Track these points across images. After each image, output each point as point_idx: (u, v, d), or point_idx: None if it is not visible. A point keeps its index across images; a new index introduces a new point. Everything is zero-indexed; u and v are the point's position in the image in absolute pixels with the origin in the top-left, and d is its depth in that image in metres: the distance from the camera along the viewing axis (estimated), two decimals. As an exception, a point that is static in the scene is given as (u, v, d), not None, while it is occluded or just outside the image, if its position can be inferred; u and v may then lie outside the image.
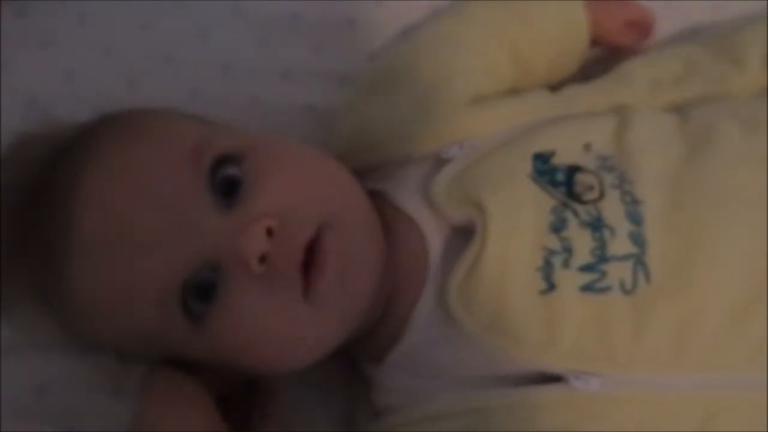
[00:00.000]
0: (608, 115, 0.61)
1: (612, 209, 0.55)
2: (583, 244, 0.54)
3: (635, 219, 0.54)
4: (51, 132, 0.61)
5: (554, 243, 0.54)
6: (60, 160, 0.57)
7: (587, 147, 0.58)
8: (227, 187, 0.54)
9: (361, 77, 0.69)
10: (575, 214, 0.55)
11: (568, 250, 0.54)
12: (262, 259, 0.51)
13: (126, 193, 0.53)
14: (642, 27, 0.72)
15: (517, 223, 0.55)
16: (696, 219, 0.55)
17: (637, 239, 0.54)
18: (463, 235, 0.57)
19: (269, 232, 0.52)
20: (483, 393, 0.55)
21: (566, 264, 0.54)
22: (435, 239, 0.58)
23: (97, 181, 0.54)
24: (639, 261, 0.54)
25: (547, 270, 0.54)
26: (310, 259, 0.53)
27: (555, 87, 0.65)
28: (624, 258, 0.54)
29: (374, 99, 0.65)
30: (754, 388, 0.54)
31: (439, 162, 0.60)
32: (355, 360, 0.63)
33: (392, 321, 0.59)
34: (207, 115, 0.62)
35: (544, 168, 0.57)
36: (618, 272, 0.53)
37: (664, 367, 0.53)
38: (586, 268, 0.54)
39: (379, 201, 0.60)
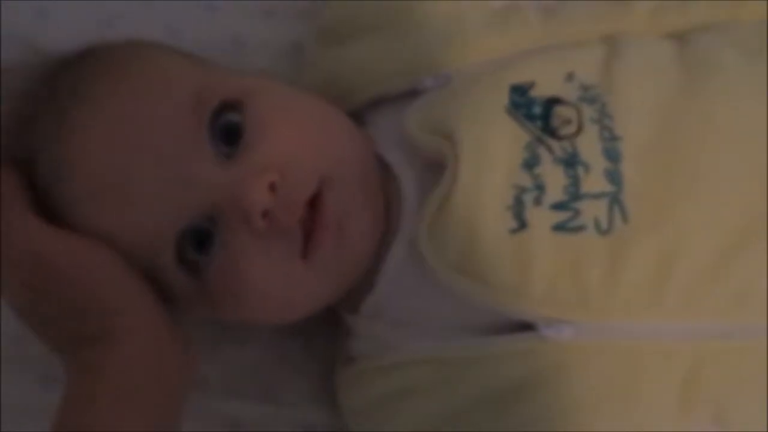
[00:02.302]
0: (598, 43, 0.57)
1: (588, 145, 0.52)
2: (555, 181, 0.51)
3: (612, 156, 0.51)
4: (36, 64, 0.59)
5: (526, 180, 0.51)
6: (51, 96, 0.54)
7: (570, 76, 0.54)
8: (228, 134, 0.52)
9: (325, 20, 0.66)
10: (549, 150, 0.52)
11: (540, 188, 0.51)
12: (264, 214, 0.50)
13: (123, 140, 0.51)
14: None
15: (489, 158, 0.52)
16: (683, 154, 0.51)
17: (614, 177, 0.51)
18: (438, 174, 0.54)
19: (272, 187, 0.50)
20: (451, 343, 0.54)
21: (538, 201, 0.51)
22: (410, 184, 0.56)
23: (96, 129, 0.52)
24: (615, 199, 0.50)
25: (518, 208, 0.51)
26: (311, 215, 0.52)
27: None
28: (599, 196, 0.51)
29: (343, 42, 0.63)
30: (741, 337, 0.51)
31: (415, 96, 0.58)
32: (336, 309, 0.61)
33: (367, 270, 0.57)
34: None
35: (520, 101, 0.53)
36: (592, 211, 0.50)
37: (641, 313, 0.51)
38: (559, 206, 0.51)
39: None
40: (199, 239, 0.52)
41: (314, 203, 0.52)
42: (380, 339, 0.57)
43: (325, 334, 0.65)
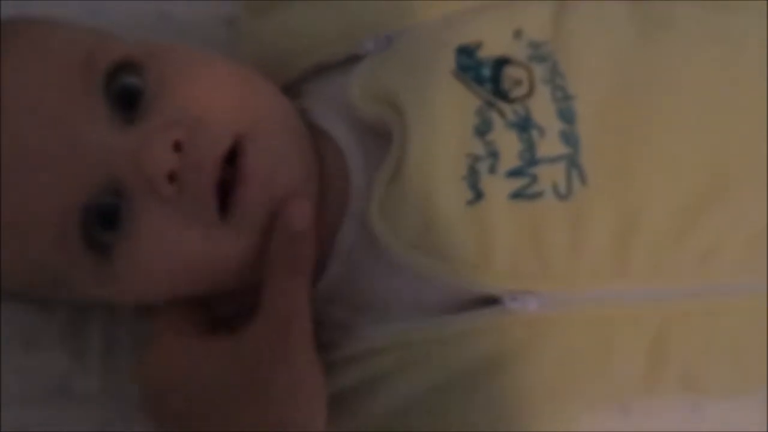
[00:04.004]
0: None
1: (541, 106, 0.49)
2: (509, 146, 0.48)
3: (567, 116, 0.49)
4: None
5: (479, 148, 0.49)
6: None
7: (518, 33, 0.52)
8: (127, 98, 0.48)
9: None
10: (501, 114, 0.49)
11: (494, 155, 0.48)
12: (171, 178, 0.46)
13: (10, 109, 0.48)
14: None
15: (439, 126, 0.49)
16: (639, 109, 0.49)
17: (570, 138, 0.49)
18: (385, 147, 0.51)
19: (177, 147, 0.46)
20: (413, 325, 0.51)
21: (493, 170, 0.48)
22: (357, 159, 0.53)
23: None
24: (572, 162, 0.48)
25: (472, 178, 0.48)
26: (229, 176, 0.48)
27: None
28: (555, 159, 0.48)
29: (273, 10, 0.59)
30: (707, 298, 0.50)
31: (357, 61, 0.54)
32: None
33: (318, 249, 0.53)
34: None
35: (468, 63, 0.51)
36: (550, 175, 0.48)
37: (607, 279, 0.49)
38: (515, 173, 0.48)
39: None
40: (106, 217, 0.48)
41: (233, 162, 0.48)
42: (341, 325, 0.54)
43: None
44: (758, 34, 0.52)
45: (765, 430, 0.58)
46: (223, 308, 0.55)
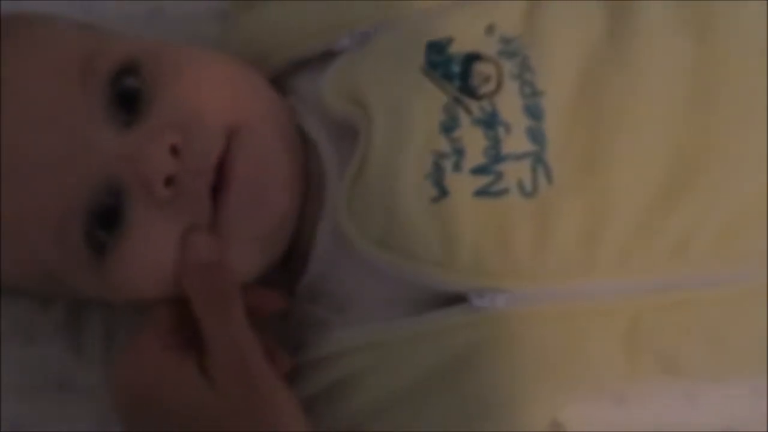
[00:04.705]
0: None
1: (508, 103, 0.49)
2: (474, 143, 0.48)
3: (534, 113, 0.49)
4: None
5: (444, 145, 0.49)
6: None
7: (490, 28, 0.51)
8: (126, 100, 0.49)
9: None
10: (468, 111, 0.49)
11: (459, 152, 0.48)
12: (168, 181, 0.47)
13: (9, 110, 0.49)
14: None
15: (404, 124, 0.49)
16: (605, 105, 0.49)
17: (536, 135, 0.48)
18: (355, 144, 0.51)
19: (174, 151, 0.47)
20: (384, 326, 0.51)
21: (457, 167, 0.48)
22: (331, 153, 0.53)
23: None
24: (538, 159, 0.48)
25: (437, 175, 0.48)
26: (219, 177, 0.49)
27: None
28: (521, 157, 0.48)
29: (256, 5, 0.59)
30: (678, 290, 0.49)
31: (333, 57, 0.54)
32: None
33: (299, 249, 0.54)
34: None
35: (438, 59, 0.50)
36: (515, 173, 0.48)
37: (574, 276, 0.48)
38: (479, 170, 0.48)
39: None
40: (104, 217, 0.49)
41: (222, 161, 0.49)
42: (318, 324, 0.54)
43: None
44: (728, 24, 0.51)
45: (765, 422, 0.57)
46: None
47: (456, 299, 0.50)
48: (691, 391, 0.54)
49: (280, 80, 0.58)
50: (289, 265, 0.55)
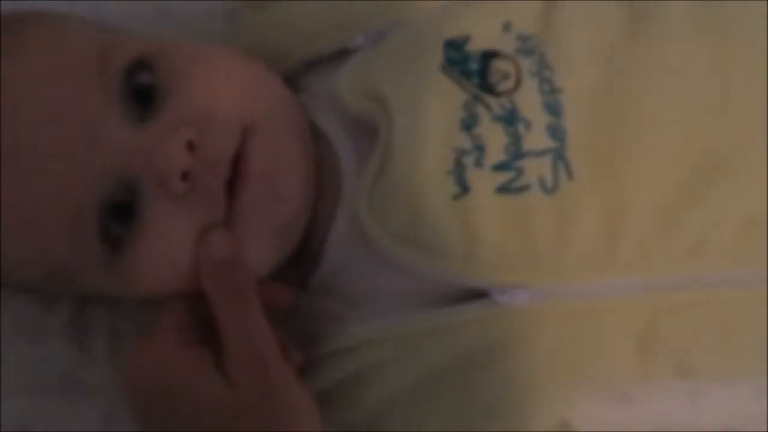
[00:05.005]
0: None
1: (528, 100, 0.50)
2: (495, 140, 0.49)
3: (554, 110, 0.49)
4: None
5: (465, 142, 0.49)
6: None
7: (507, 26, 0.52)
8: (141, 96, 0.50)
9: None
10: (488, 108, 0.50)
11: (480, 149, 0.49)
12: (184, 176, 0.48)
13: (22, 106, 0.49)
14: None
15: (424, 121, 0.50)
16: (626, 103, 0.50)
17: (556, 132, 0.49)
18: (374, 141, 0.52)
19: (190, 146, 0.48)
20: (403, 318, 0.52)
21: (479, 163, 0.49)
22: (348, 150, 0.54)
23: None
24: (559, 156, 0.48)
25: (459, 172, 0.49)
26: (234, 172, 0.49)
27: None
28: (542, 153, 0.49)
29: (273, 4, 0.60)
30: (696, 289, 0.50)
31: (348, 56, 0.55)
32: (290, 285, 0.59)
33: (312, 244, 0.55)
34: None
35: (456, 57, 0.51)
36: (536, 169, 0.48)
37: (594, 272, 0.49)
38: (501, 167, 0.49)
39: None
40: (119, 212, 0.49)
41: (238, 156, 0.49)
42: (334, 317, 0.55)
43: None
44: (748, 24, 0.52)
45: (765, 422, 0.58)
46: None
47: (476, 295, 0.50)
48: (694, 392, 0.56)
49: (292, 79, 0.58)
50: (301, 259, 0.56)
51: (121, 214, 0.49)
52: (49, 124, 0.49)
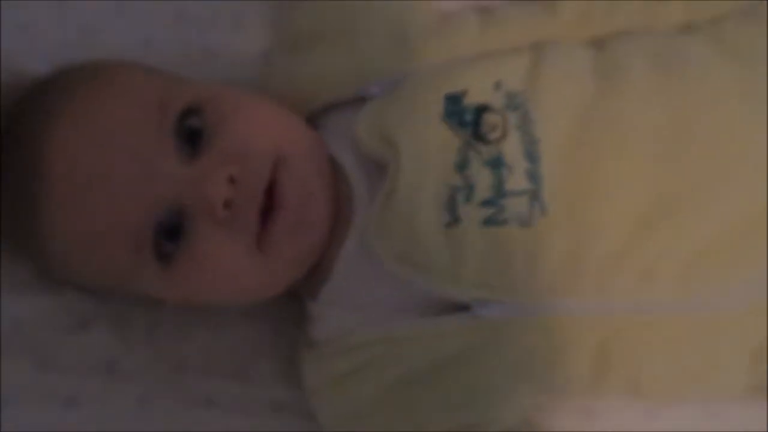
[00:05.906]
0: (527, 51, 0.63)
1: (512, 148, 0.58)
2: (483, 180, 0.57)
3: (532, 157, 0.57)
4: (13, 84, 0.65)
5: (458, 180, 0.58)
6: (29, 111, 0.61)
7: (498, 85, 0.60)
8: (190, 136, 0.58)
9: (281, 31, 0.72)
10: (478, 153, 0.58)
11: (470, 187, 0.57)
12: (227, 204, 0.56)
13: (96, 143, 0.58)
14: None
15: (426, 161, 0.58)
16: (593, 153, 0.57)
17: (534, 176, 0.57)
18: (383, 175, 0.60)
19: (231, 180, 0.57)
20: (393, 324, 0.60)
21: (468, 199, 0.57)
22: (360, 181, 0.62)
23: (68, 131, 0.58)
24: (535, 196, 0.57)
25: (451, 205, 0.57)
26: (269, 201, 0.58)
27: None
28: (521, 193, 0.57)
29: (301, 52, 0.69)
30: (647, 312, 0.57)
31: (362, 102, 0.63)
32: (299, 295, 0.68)
33: (324, 260, 0.63)
34: (161, 67, 0.66)
35: (454, 109, 0.59)
36: (515, 207, 0.57)
37: (560, 294, 0.57)
38: (486, 203, 0.57)
39: None
40: (170, 232, 0.58)
41: (271, 189, 0.58)
42: (337, 323, 0.63)
43: (294, 319, 0.70)
44: (703, 80, 0.59)
45: (765, 422, 0.61)
46: None
47: (460, 307, 0.59)
48: (649, 409, 0.62)
49: (312, 117, 0.67)
50: (310, 273, 0.64)
51: (171, 234, 0.58)
52: (117, 160, 0.57)
